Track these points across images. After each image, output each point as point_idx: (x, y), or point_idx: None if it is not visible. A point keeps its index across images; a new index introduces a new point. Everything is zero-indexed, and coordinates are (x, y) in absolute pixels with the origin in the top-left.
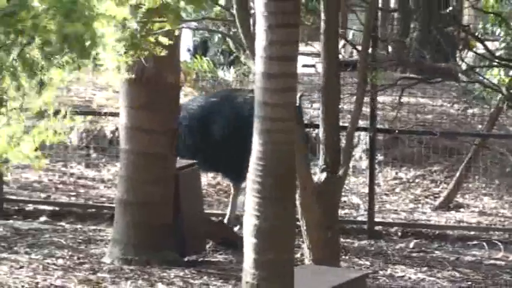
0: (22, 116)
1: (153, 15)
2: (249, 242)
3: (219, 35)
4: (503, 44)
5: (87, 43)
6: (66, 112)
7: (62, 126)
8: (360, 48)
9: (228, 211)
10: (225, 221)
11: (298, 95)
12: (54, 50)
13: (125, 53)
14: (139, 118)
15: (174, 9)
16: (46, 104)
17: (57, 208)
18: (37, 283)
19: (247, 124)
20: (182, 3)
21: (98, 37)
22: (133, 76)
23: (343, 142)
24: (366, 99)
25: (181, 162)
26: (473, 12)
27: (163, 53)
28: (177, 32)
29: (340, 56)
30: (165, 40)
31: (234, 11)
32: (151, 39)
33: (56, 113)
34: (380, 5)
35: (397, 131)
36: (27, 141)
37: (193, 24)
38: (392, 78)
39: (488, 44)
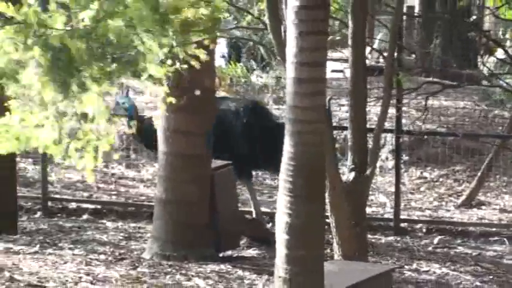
0: (64, 118)
1: (191, 26)
2: (281, 239)
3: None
4: None
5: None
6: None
7: (107, 129)
8: (386, 54)
9: (252, 209)
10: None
11: (327, 98)
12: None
13: (164, 63)
14: (177, 121)
15: (212, 19)
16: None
17: (99, 206)
18: (80, 277)
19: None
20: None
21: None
22: (171, 84)
23: (370, 143)
24: (392, 102)
25: (216, 162)
26: (494, 19)
27: (198, 65)
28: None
29: (367, 62)
30: (201, 52)
31: (266, 20)
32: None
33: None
34: (406, 12)
35: (421, 133)
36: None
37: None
38: (417, 81)
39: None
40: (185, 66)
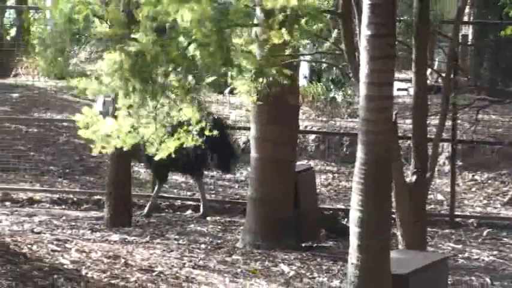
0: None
1: (278, 49)
2: (354, 231)
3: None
4: None
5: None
6: (205, 124)
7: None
8: (443, 75)
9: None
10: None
11: (394, 113)
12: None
13: (254, 80)
14: (266, 132)
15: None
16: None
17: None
18: (184, 263)
19: None
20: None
21: (235, 65)
22: (261, 99)
23: (429, 151)
24: (448, 116)
25: (300, 166)
26: None
27: (286, 81)
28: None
29: (428, 82)
30: (287, 71)
31: (343, 46)
32: (275, 69)
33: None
34: (460, 40)
35: (473, 142)
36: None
37: (308, 56)
38: (469, 98)
39: None
40: (272, 83)
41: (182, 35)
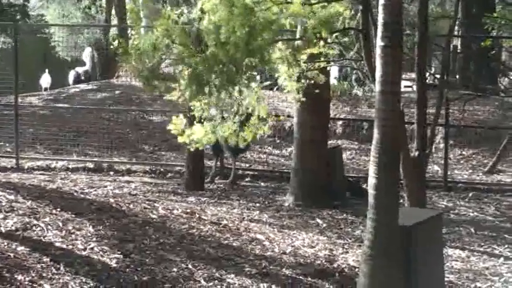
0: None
1: (315, 58)
2: (371, 193)
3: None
4: None
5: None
6: (268, 116)
7: (263, 125)
8: (439, 76)
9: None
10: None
11: (401, 104)
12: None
13: (298, 81)
14: (305, 118)
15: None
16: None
17: (256, 173)
18: (243, 218)
19: None
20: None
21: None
22: (302, 94)
23: (429, 133)
24: (442, 106)
25: (330, 145)
26: (508, 53)
27: (321, 81)
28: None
29: (427, 81)
30: (322, 76)
31: (363, 54)
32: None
33: (258, 117)
34: (451, 50)
35: (461, 126)
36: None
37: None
38: (458, 93)
39: None
40: (312, 83)
41: (227, 45)
